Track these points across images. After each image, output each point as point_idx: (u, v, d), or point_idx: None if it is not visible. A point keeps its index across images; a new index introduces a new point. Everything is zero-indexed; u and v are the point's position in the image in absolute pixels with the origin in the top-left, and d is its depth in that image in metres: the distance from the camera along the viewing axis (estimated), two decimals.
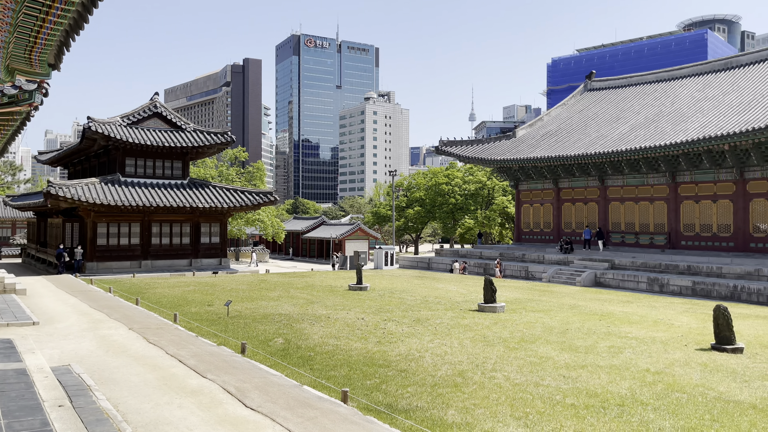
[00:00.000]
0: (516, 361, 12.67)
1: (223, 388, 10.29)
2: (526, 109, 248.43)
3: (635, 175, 41.32)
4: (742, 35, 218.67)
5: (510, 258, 44.56)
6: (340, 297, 23.46)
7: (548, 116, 52.61)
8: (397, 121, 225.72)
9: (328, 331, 15.90)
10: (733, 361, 12.80)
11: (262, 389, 10.24)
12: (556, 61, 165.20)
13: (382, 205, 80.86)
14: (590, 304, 22.40)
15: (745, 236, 35.78)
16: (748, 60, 43.53)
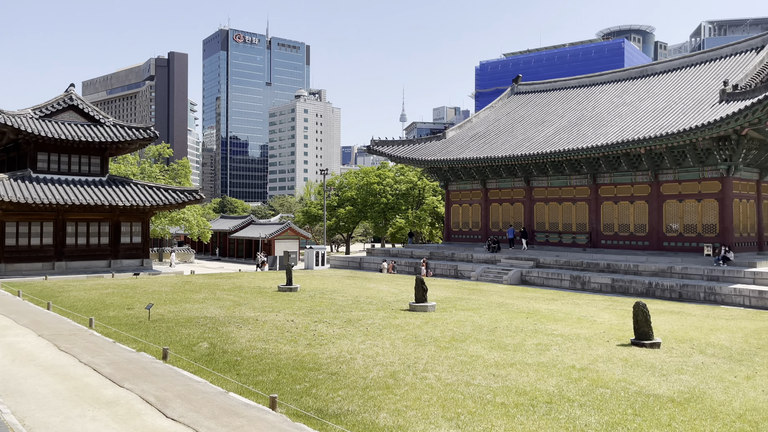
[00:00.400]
0: (447, 361, 12.66)
1: (142, 398, 9.70)
2: (455, 110, 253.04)
3: (559, 177, 42.73)
4: (655, 45, 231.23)
5: (440, 257, 45.08)
6: (269, 298, 22.89)
7: (477, 118, 53.63)
8: (328, 120, 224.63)
9: (256, 334, 15.41)
10: (652, 356, 13.31)
11: (184, 398, 9.72)
12: (483, 64, 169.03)
13: (313, 204, 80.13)
14: (517, 302, 22.87)
15: (659, 236, 37.69)
16: (662, 68, 45.91)
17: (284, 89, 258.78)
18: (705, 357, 13.38)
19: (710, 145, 34.06)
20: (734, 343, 14.97)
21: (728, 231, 34.35)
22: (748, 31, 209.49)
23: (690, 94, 38.91)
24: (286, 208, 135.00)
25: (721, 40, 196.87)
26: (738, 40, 43.80)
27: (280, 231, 66.94)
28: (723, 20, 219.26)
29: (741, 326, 17.76)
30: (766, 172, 37.28)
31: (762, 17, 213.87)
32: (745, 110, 29.39)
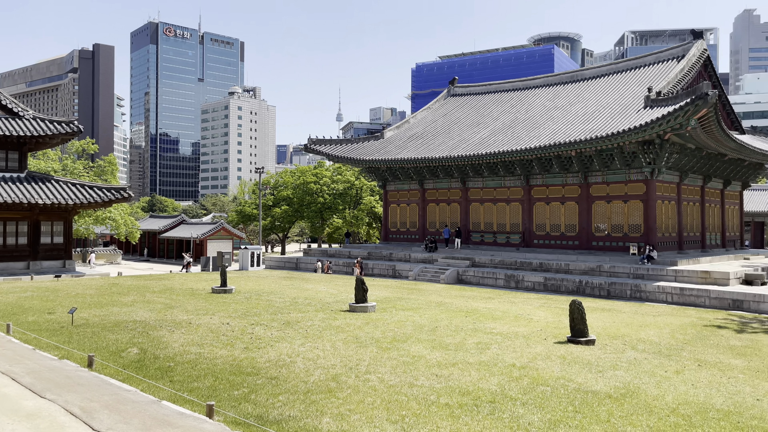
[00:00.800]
0: (389, 362, 12.52)
1: (66, 410, 9.02)
2: (392, 111, 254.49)
3: (494, 178, 43.54)
4: (582, 52, 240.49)
5: (378, 257, 45.05)
6: (202, 300, 22.10)
7: (414, 119, 53.96)
8: (263, 118, 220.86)
9: (189, 338, 14.77)
10: (587, 353, 13.63)
11: (113, 408, 9.12)
12: (419, 66, 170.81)
13: (248, 203, 78.49)
14: (456, 301, 23.05)
15: (589, 235, 39.02)
16: (591, 74, 47.61)
17: (217, 86, 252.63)
18: (637, 353, 13.82)
19: (636, 149, 35.53)
20: (662, 339, 15.56)
21: (652, 231, 35.94)
22: (667, 41, 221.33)
23: (617, 99, 40.48)
24: (219, 208, 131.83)
25: (642, 49, 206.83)
26: (660, 49, 46.00)
27: (213, 231, 65.17)
28: (644, 30, 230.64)
29: (667, 322, 18.53)
30: (686, 175, 39.24)
31: (679, 29, 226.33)
32: (668, 116, 30.80)
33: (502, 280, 35.54)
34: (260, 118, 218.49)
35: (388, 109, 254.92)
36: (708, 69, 42.88)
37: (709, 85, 30.12)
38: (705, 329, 17.30)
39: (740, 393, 10.65)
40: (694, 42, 41.77)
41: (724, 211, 44.95)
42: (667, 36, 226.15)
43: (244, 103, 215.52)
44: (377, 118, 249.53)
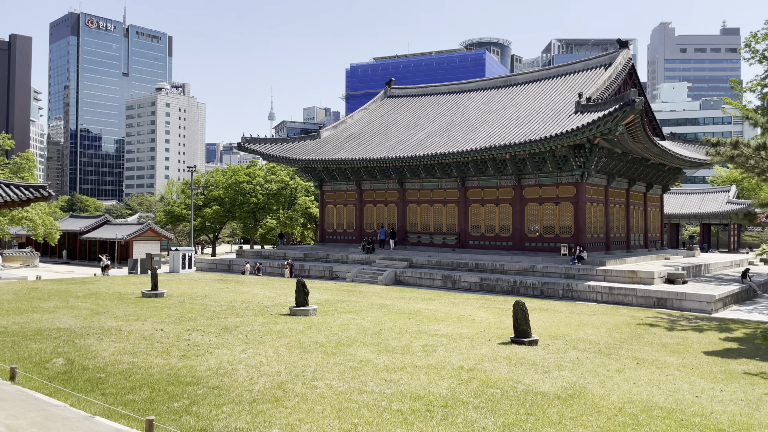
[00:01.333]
0: (336, 368, 12.18)
1: None
2: (326, 111, 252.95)
3: (431, 180, 43.86)
4: (512, 58, 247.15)
5: (314, 258, 44.46)
6: (132, 305, 20.98)
7: (351, 119, 53.67)
8: (192, 115, 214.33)
9: (121, 347, 13.90)
10: (532, 353, 13.77)
11: (41, 426, 8.36)
12: (354, 67, 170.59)
13: (176, 203, 75.83)
14: (397, 302, 22.93)
15: (522, 236, 39.93)
16: (524, 79, 48.81)
17: (144, 81, 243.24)
18: (578, 352, 14.09)
19: (567, 153, 36.63)
20: (601, 338, 15.97)
21: (582, 232, 37.16)
22: (591, 50, 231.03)
23: (549, 104, 41.64)
24: (146, 207, 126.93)
25: (568, 56, 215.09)
26: (588, 57, 47.69)
27: (140, 231, 62.51)
28: (570, 39, 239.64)
29: (603, 321, 19.08)
30: (613, 178, 40.85)
31: (602, 38, 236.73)
32: (598, 121, 31.91)
33: (439, 281, 35.81)
34: (189, 116, 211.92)
35: (322, 109, 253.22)
36: (633, 77, 44.82)
37: (636, 92, 31.39)
38: (638, 328, 17.91)
39: (679, 390, 10.98)
40: (620, 51, 43.55)
41: (647, 213, 47.11)
42: (590, 45, 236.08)
43: (172, 99, 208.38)
44: (311, 117, 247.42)
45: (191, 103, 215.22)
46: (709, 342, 15.85)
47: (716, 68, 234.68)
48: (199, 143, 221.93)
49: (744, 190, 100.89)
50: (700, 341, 15.91)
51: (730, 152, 18.56)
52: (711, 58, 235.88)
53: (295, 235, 78.21)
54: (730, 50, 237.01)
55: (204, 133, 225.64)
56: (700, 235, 79.88)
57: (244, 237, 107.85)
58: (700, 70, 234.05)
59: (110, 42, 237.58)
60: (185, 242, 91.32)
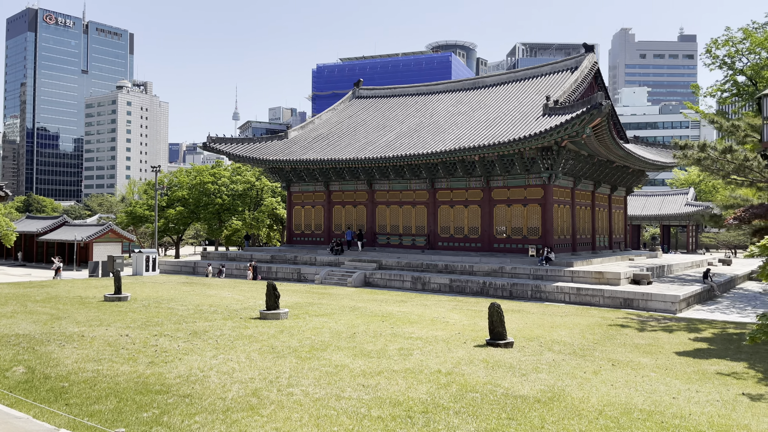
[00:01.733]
0: (311, 373, 11.87)
1: None
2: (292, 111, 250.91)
3: (400, 181, 43.74)
4: (477, 61, 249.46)
5: (282, 260, 43.87)
6: (94, 310, 20.22)
7: (319, 119, 53.22)
8: (155, 114, 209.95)
9: (84, 354, 13.30)
10: (508, 356, 13.69)
11: None
12: (321, 67, 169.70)
13: (139, 204, 74.09)
14: (369, 305, 22.67)
15: (490, 238, 40.13)
16: (492, 82, 49.13)
17: (104, 78, 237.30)
18: (554, 354, 14.07)
19: (535, 155, 36.96)
20: (574, 339, 16.02)
21: (549, 234, 37.52)
22: (554, 54, 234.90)
23: (517, 106, 41.98)
24: (106, 208, 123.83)
25: (532, 60, 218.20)
26: (555, 60, 48.29)
27: (100, 233, 60.77)
28: (534, 43, 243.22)
29: (575, 322, 19.19)
30: (579, 180, 41.41)
31: (565, 43, 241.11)
32: (566, 123, 32.24)
33: (409, 283, 35.69)
34: (152, 115, 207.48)
35: (288, 109, 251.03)
36: (598, 81, 45.54)
37: (603, 95, 31.91)
38: (610, 329, 18.06)
39: (656, 392, 11.02)
40: (586, 55, 44.18)
41: (611, 214, 47.93)
42: (554, 49, 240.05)
43: (134, 98, 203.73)
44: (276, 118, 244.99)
45: (154, 101, 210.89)
46: (680, 342, 16.06)
47: (674, 74, 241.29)
48: (162, 143, 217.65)
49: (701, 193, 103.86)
50: (670, 342, 16.10)
51: (697, 155, 18.89)
52: (669, 63, 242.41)
53: (260, 237, 77.24)
54: (687, 56, 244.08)
55: (167, 133, 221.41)
56: (660, 236, 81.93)
57: (207, 238, 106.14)
58: (658, 75, 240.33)
59: (69, 38, 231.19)
60: (147, 244, 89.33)
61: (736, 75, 38.75)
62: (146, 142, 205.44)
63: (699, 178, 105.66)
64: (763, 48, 37.10)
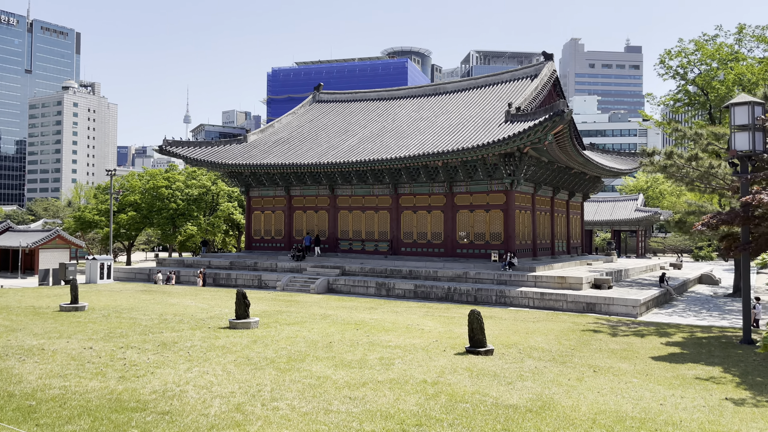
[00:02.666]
0: (294, 385, 11.44)
1: None
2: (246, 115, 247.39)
3: (363, 186, 43.46)
4: (432, 68, 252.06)
5: (241, 267, 42.92)
6: (51, 321, 19.17)
7: (279, 123, 52.46)
8: (103, 116, 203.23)
9: (48, 369, 12.49)
10: (490, 364, 13.56)
11: None
12: (276, 71, 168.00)
13: (88, 208, 71.44)
14: (339, 312, 22.28)
15: (453, 243, 40.25)
16: (453, 88, 49.43)
17: (49, 78, 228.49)
18: (534, 361, 14.03)
19: (498, 161, 37.28)
20: (551, 346, 16.05)
21: (512, 239, 37.89)
22: (507, 62, 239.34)
23: (479, 113, 42.33)
24: (52, 213, 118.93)
25: (486, 68, 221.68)
26: (515, 68, 48.97)
27: (47, 239, 58.22)
28: (488, 51, 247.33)
29: (548, 328, 19.28)
30: (539, 186, 42.02)
31: (518, 51, 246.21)
32: (529, 130, 32.62)
33: (373, 289, 35.40)
34: (100, 117, 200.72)
35: (242, 113, 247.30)
36: (557, 88, 46.42)
37: (565, 103, 32.35)
38: (584, 334, 18.21)
39: (643, 398, 11.07)
40: (545, 63, 44.96)
41: (569, 220, 48.85)
42: (507, 57, 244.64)
43: (80, 99, 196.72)
44: (230, 121, 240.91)
45: (102, 103, 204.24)
46: (653, 347, 16.30)
47: (621, 83, 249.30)
48: (110, 146, 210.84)
49: (650, 199, 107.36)
50: (644, 347, 16.33)
51: (664, 162, 19.31)
52: (616, 73, 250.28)
53: (216, 243, 75.61)
54: (633, 67, 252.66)
55: (115, 136, 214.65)
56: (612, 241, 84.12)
57: (159, 244, 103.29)
58: (607, 84, 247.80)
59: (12, 37, 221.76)
60: (96, 250, 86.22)
61: (688, 85, 40.06)
62: (94, 145, 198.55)
63: (647, 184, 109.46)
64: (714, 59, 38.49)
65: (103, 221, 69.34)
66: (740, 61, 37.95)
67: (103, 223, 69.47)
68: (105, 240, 75.69)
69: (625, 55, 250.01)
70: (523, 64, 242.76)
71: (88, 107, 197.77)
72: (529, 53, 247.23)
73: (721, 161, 17.89)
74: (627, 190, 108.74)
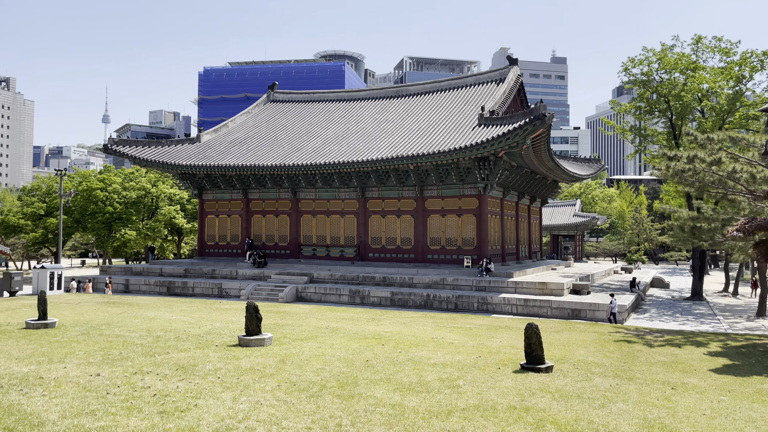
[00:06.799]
0: (373, 417, 9.90)
1: None
2: (175, 115, 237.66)
3: (328, 189, 41.81)
4: (365, 72, 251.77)
5: (197, 274, 40.20)
6: (24, 341, 16.52)
7: (233, 123, 49.89)
8: (18, 114, 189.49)
9: (64, 404, 10.31)
10: (560, 383, 12.47)
11: None
12: (208, 70, 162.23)
13: (12, 212, 65.68)
14: (342, 324, 20.65)
15: (424, 248, 39.30)
16: (416, 90, 48.61)
17: None
18: (601, 378, 13.09)
19: (471, 165, 36.68)
20: (599, 359, 15.20)
21: (485, 244, 37.34)
22: (440, 69, 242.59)
23: (448, 116, 41.64)
24: None
25: (420, 74, 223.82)
26: (479, 72, 48.81)
27: None
28: (421, 57, 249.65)
29: (576, 339, 18.48)
30: (508, 191, 41.81)
31: (450, 59, 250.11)
32: (509, 134, 32.16)
33: (346, 297, 33.85)
34: (14, 114, 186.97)
35: (171, 113, 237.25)
36: (521, 93, 46.55)
37: (545, 106, 32.08)
38: (620, 345, 17.52)
39: (755, 420, 10.29)
40: (511, 67, 44.94)
41: (530, 225, 49.05)
42: (439, 64, 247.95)
43: None
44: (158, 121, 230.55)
45: (17, 99, 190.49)
46: (699, 358, 15.79)
47: (548, 92, 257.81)
48: (26, 145, 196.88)
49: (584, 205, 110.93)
50: (690, 358, 15.78)
51: (682, 166, 19.03)
52: (543, 83, 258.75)
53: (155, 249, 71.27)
54: (559, 77, 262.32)
55: (32, 134, 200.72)
56: (550, 245, 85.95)
57: (87, 251, 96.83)
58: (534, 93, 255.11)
59: None
60: (16, 257, 79.49)
61: (649, 93, 40.96)
62: (8, 144, 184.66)
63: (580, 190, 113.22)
64: (675, 69, 39.53)
65: (29, 225, 63.93)
66: (699, 71, 39.15)
67: (29, 227, 64.06)
68: (29, 246, 69.83)
69: (551, 66, 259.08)
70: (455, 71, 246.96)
71: (1, 104, 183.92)
72: (461, 61, 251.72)
73: (743, 165, 17.75)
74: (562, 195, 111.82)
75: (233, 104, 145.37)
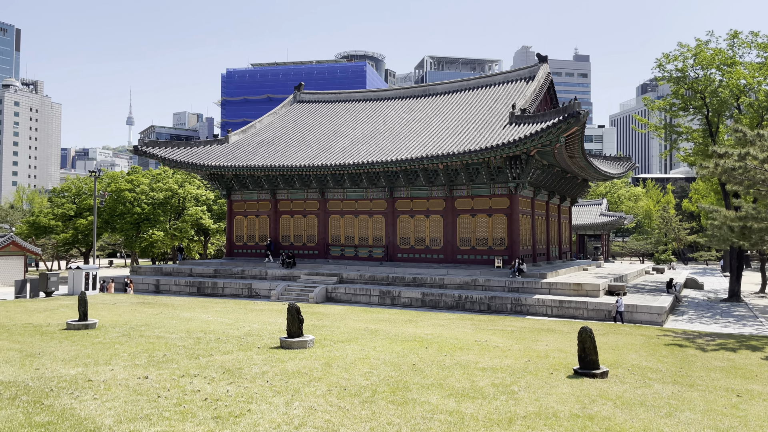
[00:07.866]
0: (432, 424, 9.57)
1: None
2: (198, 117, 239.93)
3: (356, 189, 41.58)
4: (386, 72, 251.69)
5: (227, 275, 40.25)
6: (67, 342, 16.52)
7: (261, 124, 49.94)
8: (46, 116, 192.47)
9: (117, 408, 10.17)
10: (619, 389, 12.03)
11: None
12: (231, 72, 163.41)
13: (43, 213, 66.65)
14: (380, 326, 20.37)
15: (454, 249, 38.85)
16: (443, 89, 48.15)
17: None
18: (660, 384, 12.61)
19: (502, 164, 36.16)
20: (654, 364, 14.69)
21: (516, 244, 36.79)
22: (461, 68, 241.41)
23: (477, 114, 41.16)
24: None
25: (441, 74, 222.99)
26: (508, 70, 48.19)
27: (0, 245, 53.51)
28: (442, 57, 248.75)
29: (625, 342, 17.96)
30: (539, 190, 41.20)
31: (471, 58, 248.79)
32: (542, 132, 31.59)
33: (376, 297, 33.58)
34: (42, 117, 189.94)
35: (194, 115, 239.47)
36: (551, 91, 45.87)
37: (579, 104, 31.46)
38: (672, 349, 16.96)
39: None
40: (541, 65, 44.26)
41: (560, 225, 48.31)
42: (460, 63, 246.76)
43: (22, 98, 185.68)
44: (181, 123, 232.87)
45: (45, 102, 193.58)
46: (758, 363, 15.20)
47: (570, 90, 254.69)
48: (54, 147, 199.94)
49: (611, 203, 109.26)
50: (748, 363, 15.20)
51: (733, 164, 18.42)
52: (566, 81, 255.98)
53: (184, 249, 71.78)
54: (582, 75, 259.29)
55: (59, 137, 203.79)
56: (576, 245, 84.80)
57: (115, 251, 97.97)
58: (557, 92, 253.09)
59: None
60: (47, 257, 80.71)
61: (683, 89, 40.04)
62: (36, 146, 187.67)
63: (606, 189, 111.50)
64: (711, 65, 38.57)
65: (60, 226, 64.83)
66: (737, 66, 38.15)
67: (60, 228, 64.97)
68: (59, 247, 70.83)
69: (573, 64, 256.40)
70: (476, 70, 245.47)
71: (30, 107, 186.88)
72: (482, 59, 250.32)
73: None
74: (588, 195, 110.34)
75: (256, 105, 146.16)
